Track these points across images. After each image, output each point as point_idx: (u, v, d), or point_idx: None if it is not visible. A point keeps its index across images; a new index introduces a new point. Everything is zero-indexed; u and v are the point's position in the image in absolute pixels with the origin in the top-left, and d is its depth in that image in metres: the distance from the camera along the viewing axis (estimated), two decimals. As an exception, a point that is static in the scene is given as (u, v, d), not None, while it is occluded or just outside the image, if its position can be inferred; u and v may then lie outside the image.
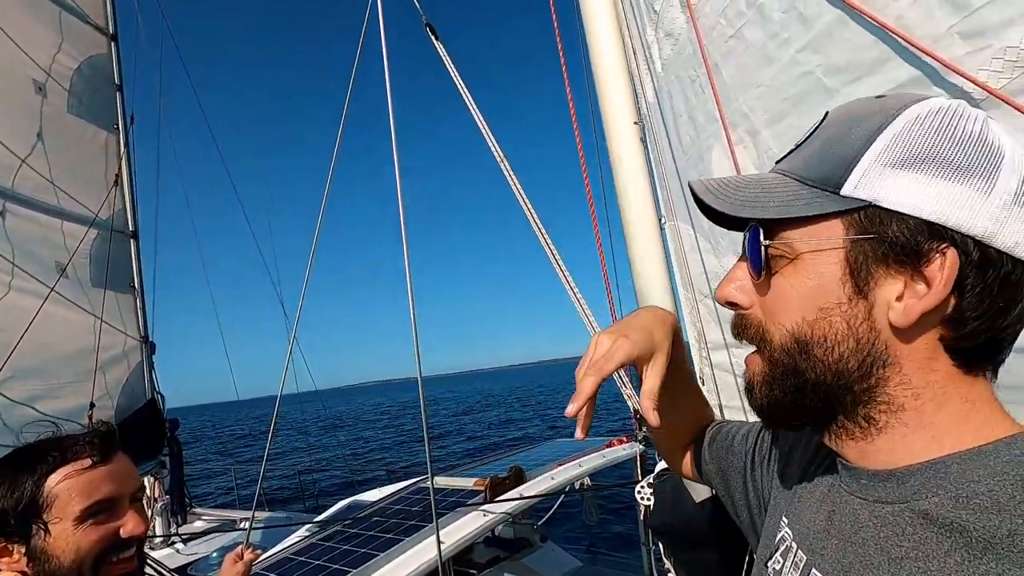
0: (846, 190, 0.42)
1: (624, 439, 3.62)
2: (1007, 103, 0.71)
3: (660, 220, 2.02)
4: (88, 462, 0.92)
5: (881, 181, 0.41)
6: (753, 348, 0.49)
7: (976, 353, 0.42)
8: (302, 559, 2.24)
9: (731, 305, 0.49)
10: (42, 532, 0.88)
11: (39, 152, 3.76)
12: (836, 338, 0.43)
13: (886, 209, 0.41)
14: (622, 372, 2.30)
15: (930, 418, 0.43)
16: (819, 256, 0.43)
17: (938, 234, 0.40)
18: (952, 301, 0.40)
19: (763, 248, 0.45)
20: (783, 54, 1.03)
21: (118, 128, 4.59)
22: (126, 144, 4.62)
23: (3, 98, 3.44)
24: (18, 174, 3.53)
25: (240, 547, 1.62)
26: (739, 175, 0.52)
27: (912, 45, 0.80)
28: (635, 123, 1.99)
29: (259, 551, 1.67)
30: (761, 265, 0.45)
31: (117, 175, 4.41)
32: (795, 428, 0.51)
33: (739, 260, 0.49)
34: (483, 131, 2.58)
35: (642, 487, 2.01)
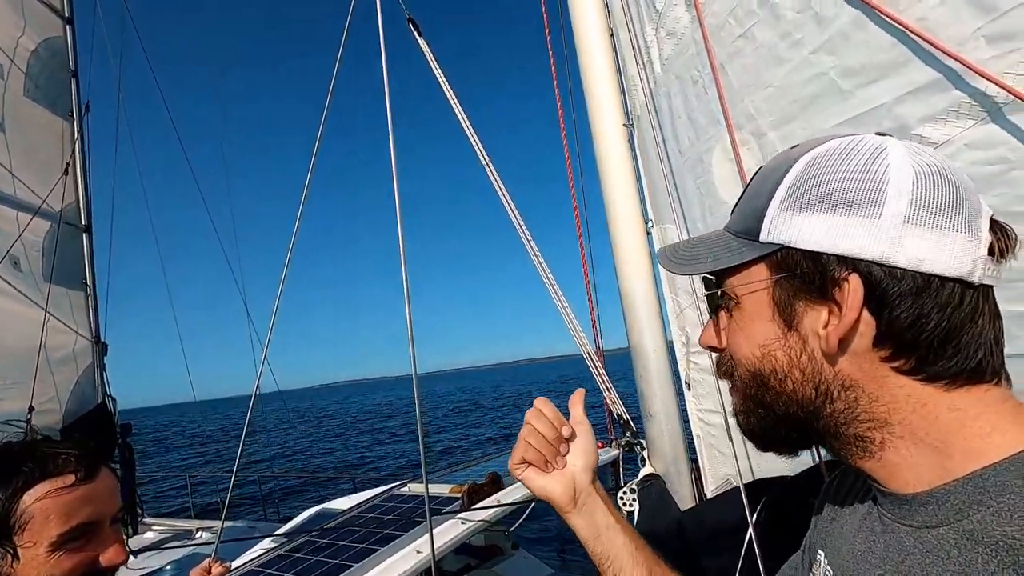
0: (763, 237, 0.47)
1: (600, 444, 3.60)
2: (1034, 106, 0.70)
3: (647, 224, 2.02)
4: (71, 479, 0.81)
5: (786, 225, 0.46)
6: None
7: (947, 372, 0.43)
8: (271, 572, 2.12)
9: (710, 348, 0.55)
10: (9, 556, 0.77)
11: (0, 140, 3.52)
12: (783, 370, 0.47)
13: (796, 249, 0.45)
14: (606, 377, 2.28)
15: (924, 429, 0.43)
16: (752, 297, 0.49)
17: (842, 263, 0.43)
18: (873, 322, 0.43)
19: (716, 295, 0.52)
20: (795, 55, 1.02)
21: (72, 116, 4.35)
22: (79, 133, 4.38)
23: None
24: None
25: (207, 561, 1.51)
26: (696, 236, 0.58)
27: (935, 47, 0.79)
28: (624, 125, 1.98)
29: (228, 564, 1.56)
30: (718, 310, 0.53)
31: (68, 165, 4.16)
32: (785, 452, 0.53)
33: (713, 318, 0.55)
34: (466, 130, 2.53)
35: (625, 492, 1.99)
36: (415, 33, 2.70)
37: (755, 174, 0.52)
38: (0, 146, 3.49)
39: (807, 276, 0.45)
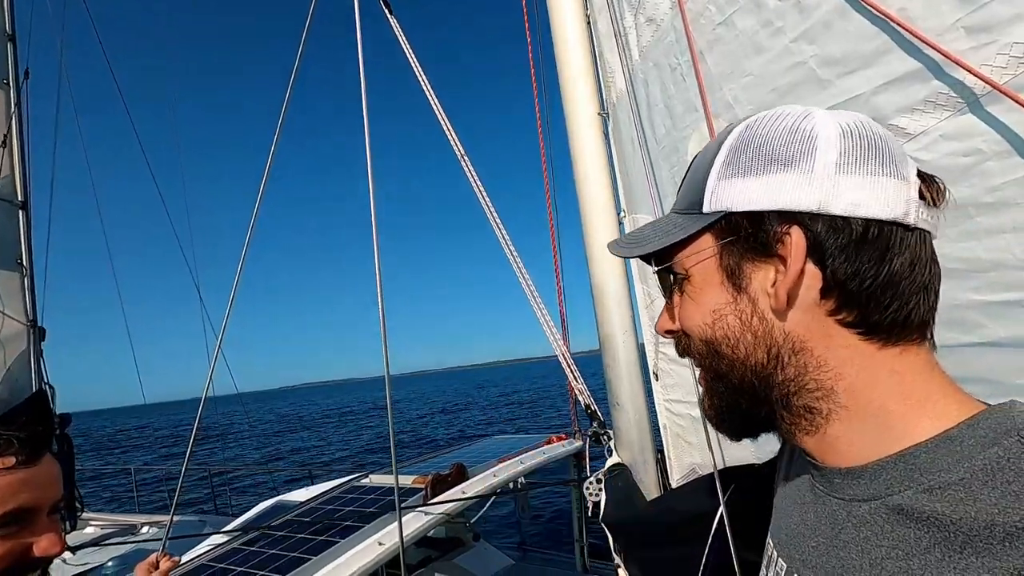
0: (705, 208, 0.49)
1: (563, 436, 3.62)
2: (1009, 97, 0.72)
3: (619, 214, 2.02)
4: (11, 461, 0.76)
5: (726, 192, 0.48)
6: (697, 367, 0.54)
7: (884, 324, 0.44)
8: (223, 566, 2.03)
9: (667, 333, 0.55)
10: None
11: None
12: (735, 335, 0.48)
13: (738, 212, 0.47)
14: (574, 367, 2.28)
15: (866, 396, 0.44)
16: (701, 267, 0.50)
17: (782, 219, 0.45)
18: (816, 273, 0.44)
19: (666, 273, 0.53)
20: (775, 43, 1.03)
21: (8, 83, 4.05)
22: (16, 103, 4.08)
23: None
24: None
25: (154, 555, 1.43)
26: (646, 224, 0.58)
27: (915, 37, 0.80)
28: (599, 113, 1.97)
29: (176, 558, 1.48)
30: (670, 290, 0.53)
31: (5, 136, 3.88)
32: (751, 435, 0.53)
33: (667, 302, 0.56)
34: (441, 119, 2.47)
35: (590, 483, 1.99)
36: (386, 11, 2.62)
37: (695, 157, 0.54)
38: (-75, 112, 3.22)
39: (750, 236, 0.46)
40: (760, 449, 1.34)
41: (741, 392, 0.49)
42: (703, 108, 1.18)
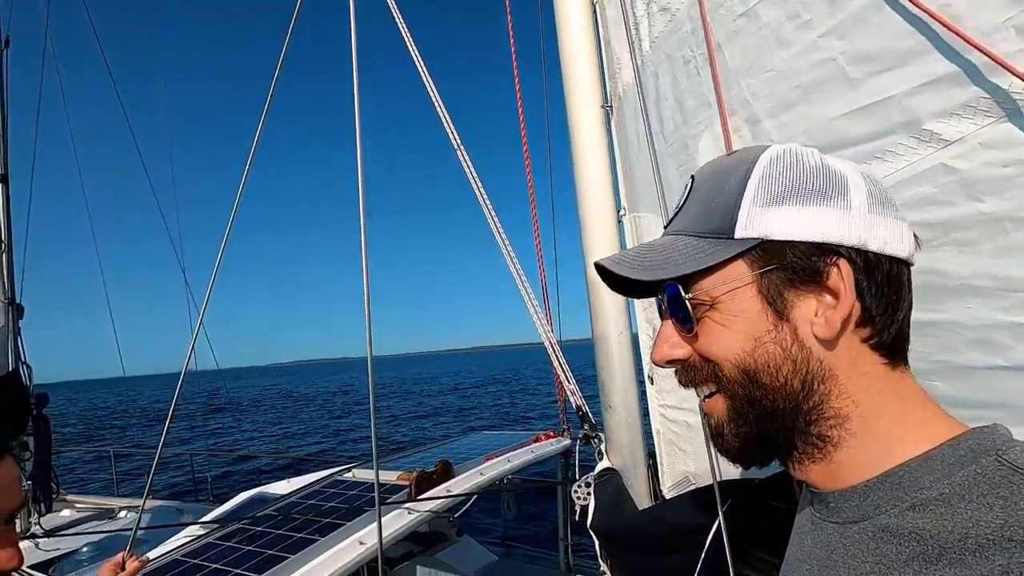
0: (738, 233, 0.48)
1: (551, 434, 3.57)
2: (1061, 106, 0.66)
3: (619, 211, 1.95)
4: None
5: (763, 219, 0.47)
6: (705, 393, 0.52)
7: (892, 347, 0.48)
8: (196, 562, 1.96)
9: (672, 363, 0.53)
10: None
11: None
12: (776, 363, 0.47)
13: (777, 241, 0.47)
14: (566, 367, 2.22)
15: (875, 423, 0.47)
16: (736, 295, 0.48)
17: (826, 251, 0.46)
18: (857, 305, 0.46)
19: (687, 302, 0.50)
20: (802, 37, 0.96)
21: (-10, 50, 3.90)
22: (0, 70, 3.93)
23: None
24: None
25: (120, 555, 1.35)
26: (639, 244, 0.56)
27: (959, 36, 0.74)
28: (602, 107, 1.90)
29: (145, 557, 1.41)
30: (689, 318, 0.50)
31: (-16, 105, 3.74)
32: (763, 463, 0.53)
33: (664, 320, 0.53)
34: (436, 104, 2.38)
35: (579, 486, 1.94)
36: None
37: (695, 179, 0.53)
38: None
39: (795, 266, 0.47)
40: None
41: (772, 418, 0.49)
42: (718, 104, 1.12)
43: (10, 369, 4.07)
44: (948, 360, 0.87)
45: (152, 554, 1.88)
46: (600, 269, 0.54)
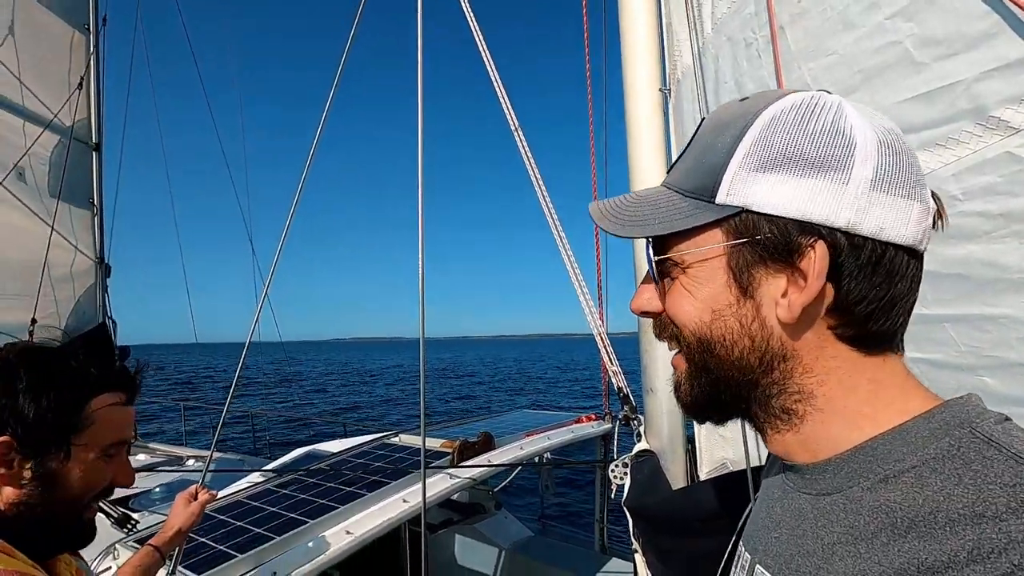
0: (719, 198, 0.44)
1: (593, 416, 3.61)
2: None
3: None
4: (123, 397, 0.87)
5: (748, 186, 0.43)
6: (675, 350, 0.52)
7: (873, 336, 0.45)
8: (256, 504, 2.14)
9: (644, 313, 0.52)
10: (61, 454, 0.79)
11: (8, 45, 3.41)
12: (732, 337, 0.46)
13: (757, 212, 0.43)
14: (610, 348, 2.25)
15: (843, 402, 0.45)
16: (705, 264, 0.46)
17: (807, 230, 0.42)
18: (830, 291, 0.43)
19: (653, 263, 0.49)
20: (868, 19, 0.94)
21: (89, 29, 4.22)
22: (95, 47, 4.26)
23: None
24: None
25: (194, 487, 1.50)
26: (633, 193, 0.52)
27: (1035, 18, 0.71)
28: (660, 90, 1.88)
29: (214, 492, 1.56)
30: (657, 277, 0.49)
31: (82, 79, 4.06)
32: (717, 421, 0.53)
33: (648, 279, 0.52)
34: (498, 91, 2.42)
35: (616, 465, 1.97)
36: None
37: (702, 124, 0.49)
38: (9, 51, 3.39)
39: (769, 242, 0.43)
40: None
41: (724, 388, 0.48)
42: (777, 88, 1.11)
43: (98, 323, 4.47)
44: (1001, 356, 0.85)
45: (219, 494, 2.07)
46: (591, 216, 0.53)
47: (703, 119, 0.49)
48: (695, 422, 0.52)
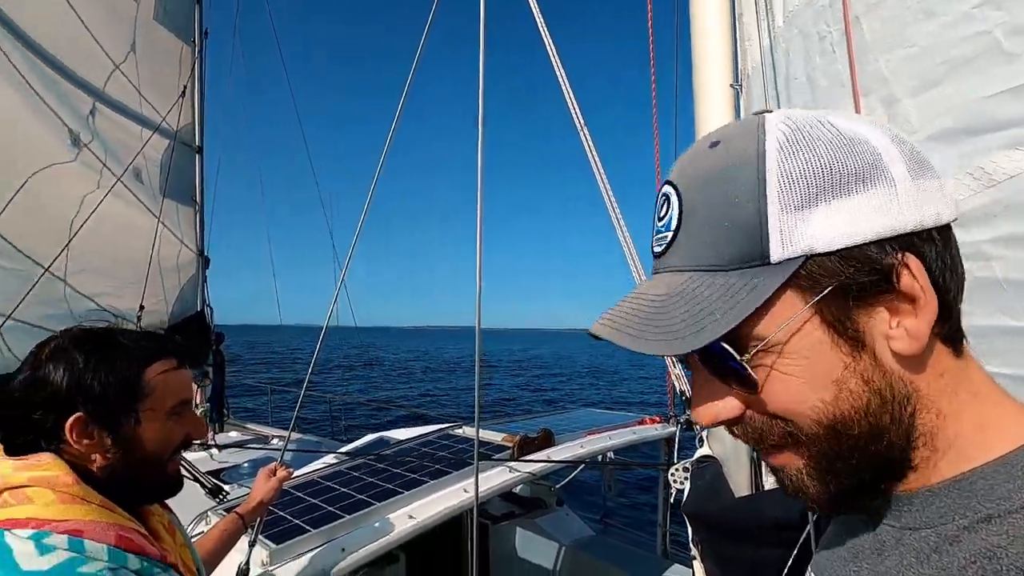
0: (775, 255, 0.38)
1: (657, 419, 3.54)
2: None
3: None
4: (175, 362, 0.96)
5: (802, 229, 0.38)
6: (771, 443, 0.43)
7: (959, 328, 0.42)
8: (329, 484, 2.29)
9: (722, 422, 0.43)
10: (133, 420, 0.89)
11: (131, 60, 3.83)
12: (862, 404, 0.39)
13: (828, 252, 0.38)
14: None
15: (955, 431, 0.40)
16: (799, 334, 0.39)
17: (885, 248, 0.38)
18: (934, 299, 0.39)
19: (743, 361, 0.39)
20: (952, 8, 0.87)
21: (193, 41, 4.63)
22: (199, 57, 4.66)
23: (107, 4, 3.48)
24: (111, 78, 3.61)
25: (274, 464, 1.64)
26: (639, 294, 0.44)
27: None
28: (731, 86, 1.82)
29: (291, 470, 1.69)
30: (747, 377, 0.40)
31: (185, 88, 4.46)
32: (858, 509, 0.45)
33: (696, 370, 0.43)
34: (563, 86, 2.43)
35: (676, 470, 1.94)
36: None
37: (683, 190, 0.42)
38: (131, 66, 3.79)
39: (857, 277, 0.38)
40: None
41: (865, 468, 0.40)
42: (851, 83, 1.05)
43: (198, 309, 4.91)
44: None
45: (295, 472, 2.23)
46: (596, 337, 0.43)
47: (673, 188, 0.43)
48: (829, 517, 0.49)
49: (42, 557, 0.77)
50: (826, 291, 0.38)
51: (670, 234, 0.43)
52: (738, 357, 0.39)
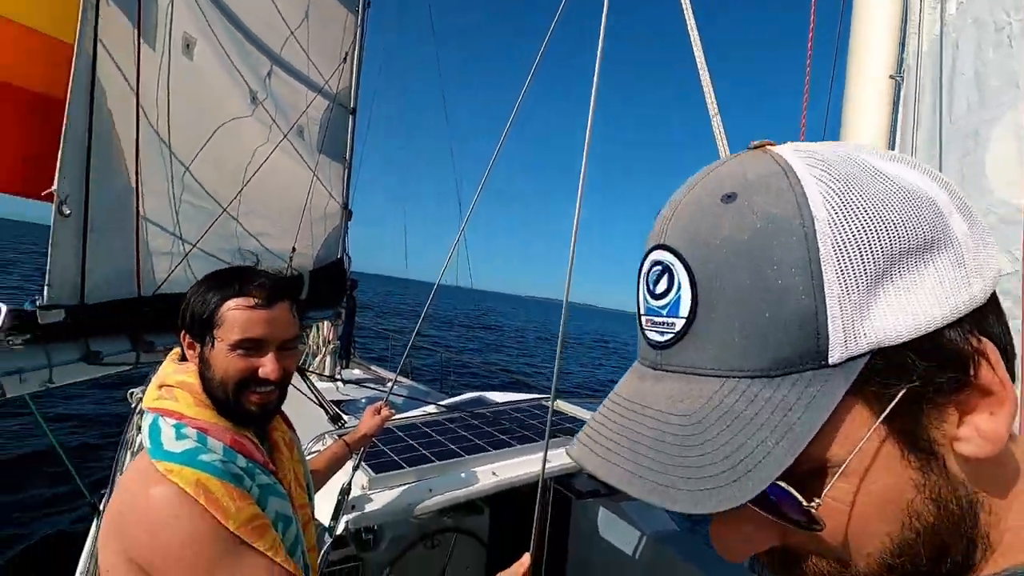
0: (836, 355, 0.29)
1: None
2: None
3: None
4: (253, 302, 1.04)
5: (867, 318, 0.29)
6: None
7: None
8: (426, 430, 2.51)
9: (751, 553, 0.36)
10: (210, 344, 1.05)
11: (304, 27, 4.29)
12: (929, 527, 0.31)
13: (896, 346, 0.29)
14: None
15: (1007, 523, 0.33)
16: (858, 455, 0.30)
17: (960, 332, 0.30)
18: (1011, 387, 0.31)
19: (810, 509, 0.30)
20: None
21: (357, 9, 5.03)
22: (360, 26, 5.06)
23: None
24: (286, 43, 4.09)
25: (380, 403, 1.84)
26: (642, 411, 0.34)
27: None
28: (891, 77, 1.62)
29: (393, 412, 1.89)
30: (811, 522, 0.31)
31: (347, 54, 4.88)
32: None
33: (746, 514, 0.33)
34: (697, 55, 2.31)
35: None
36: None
37: (696, 269, 0.32)
38: (303, 33, 4.23)
39: (930, 378, 0.30)
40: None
41: None
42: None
43: (338, 257, 5.48)
44: None
45: (399, 415, 2.47)
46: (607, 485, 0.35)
47: (663, 255, 0.34)
48: None
49: (177, 442, 0.99)
50: (898, 395, 0.30)
51: (679, 322, 0.33)
52: (804, 503, 0.30)
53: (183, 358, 1.12)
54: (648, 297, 0.35)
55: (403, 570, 2.69)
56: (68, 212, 1.97)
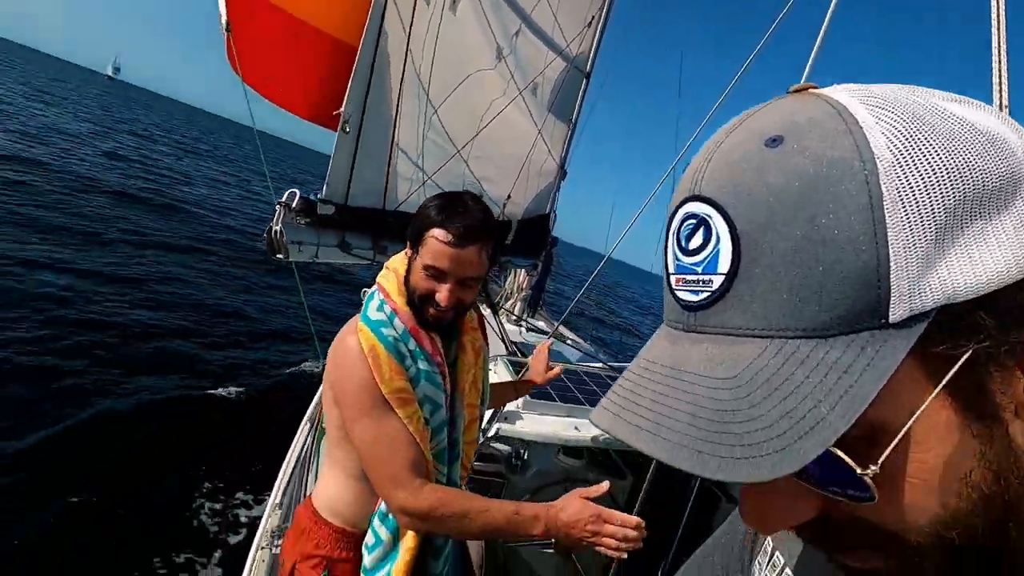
0: (898, 313, 0.26)
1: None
2: None
3: None
4: (449, 238, 1.16)
5: (938, 275, 0.26)
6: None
7: None
8: (585, 379, 2.68)
9: (798, 528, 0.32)
10: (415, 255, 1.23)
11: (554, -8, 4.56)
12: (989, 501, 0.28)
13: (962, 304, 0.26)
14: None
15: None
16: (919, 422, 0.27)
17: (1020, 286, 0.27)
18: None
19: (864, 478, 0.27)
20: None
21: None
22: (611, -7, 5.14)
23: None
24: (537, 5, 4.41)
25: (548, 342, 2.03)
26: (675, 375, 0.30)
27: None
28: None
29: (561, 368, 2.00)
30: (864, 492, 0.28)
31: (592, 19, 5.02)
32: None
33: (786, 485, 0.30)
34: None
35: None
36: None
37: (737, 218, 0.28)
38: (555, -3, 4.49)
39: (998, 336, 0.27)
40: None
41: (976, 567, 0.30)
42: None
43: (546, 212, 5.83)
44: None
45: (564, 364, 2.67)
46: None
47: (699, 207, 0.30)
48: None
49: (376, 312, 1.25)
50: (964, 357, 0.27)
51: (717, 279, 0.29)
52: (858, 471, 0.27)
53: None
54: (679, 254, 0.32)
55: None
56: (348, 131, 2.52)
